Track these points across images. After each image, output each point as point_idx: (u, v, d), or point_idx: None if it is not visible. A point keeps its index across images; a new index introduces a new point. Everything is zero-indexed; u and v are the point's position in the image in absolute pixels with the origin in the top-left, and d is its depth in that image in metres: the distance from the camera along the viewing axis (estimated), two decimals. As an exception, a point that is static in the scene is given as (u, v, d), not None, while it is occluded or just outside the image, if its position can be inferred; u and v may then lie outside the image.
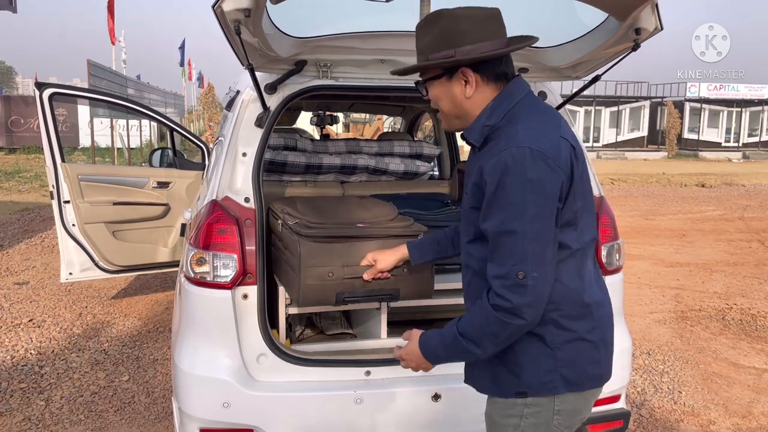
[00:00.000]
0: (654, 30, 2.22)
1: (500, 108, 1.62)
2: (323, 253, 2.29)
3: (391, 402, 2.41)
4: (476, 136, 1.64)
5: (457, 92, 1.64)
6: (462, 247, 1.75)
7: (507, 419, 1.69)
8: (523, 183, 1.48)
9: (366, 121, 20.37)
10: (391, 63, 2.61)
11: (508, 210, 1.49)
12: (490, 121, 1.62)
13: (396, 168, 3.53)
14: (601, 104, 34.31)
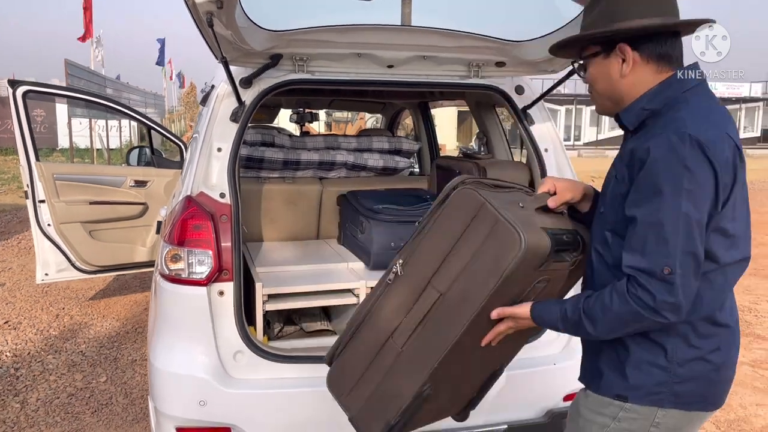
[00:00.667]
0: (629, 22, 2.23)
1: (665, 93, 1.50)
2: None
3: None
4: (632, 119, 1.54)
5: (613, 71, 1.54)
6: (596, 232, 1.60)
7: (596, 416, 1.60)
8: (680, 172, 1.36)
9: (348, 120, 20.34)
10: (368, 57, 2.59)
11: (661, 198, 1.37)
12: (651, 105, 1.51)
13: (375, 163, 3.51)
14: (582, 103, 34.59)
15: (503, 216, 1.49)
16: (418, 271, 1.62)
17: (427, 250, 1.61)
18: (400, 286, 1.66)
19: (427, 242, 1.62)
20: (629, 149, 1.49)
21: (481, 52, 2.65)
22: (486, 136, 3.47)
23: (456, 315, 1.55)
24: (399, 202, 3.00)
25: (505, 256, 1.47)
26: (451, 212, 1.59)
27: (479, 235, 1.52)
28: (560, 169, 2.76)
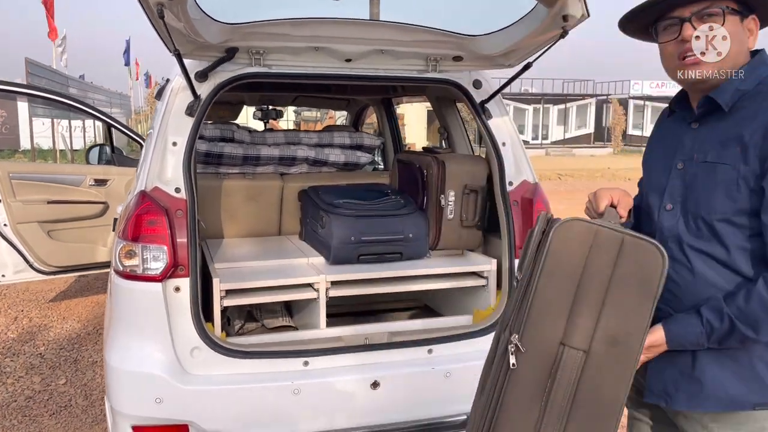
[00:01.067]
0: (581, 17, 2.26)
1: (757, 72, 1.45)
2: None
3: (329, 391, 2.39)
4: (727, 99, 1.44)
5: (744, 38, 1.47)
6: (687, 225, 1.46)
7: None
8: None
9: (317, 119, 20.27)
10: (325, 51, 2.59)
11: None
12: (744, 86, 1.44)
13: (336, 159, 3.51)
14: (549, 102, 35.05)
15: (627, 233, 1.32)
16: (543, 338, 1.31)
17: (545, 308, 1.31)
18: (526, 364, 1.31)
19: (542, 299, 1.32)
20: (736, 135, 1.40)
21: (438, 47, 2.66)
22: (447, 131, 3.50)
23: (616, 367, 1.29)
24: (360, 196, 3.00)
25: (652, 272, 1.29)
26: (560, 255, 1.32)
27: (606, 265, 1.30)
28: (518, 163, 2.79)
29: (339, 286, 2.69)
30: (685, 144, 1.52)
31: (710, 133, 1.47)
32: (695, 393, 1.44)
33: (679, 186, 1.50)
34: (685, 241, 1.46)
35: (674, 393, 1.47)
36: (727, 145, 1.42)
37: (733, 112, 1.44)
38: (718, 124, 1.46)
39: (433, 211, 2.96)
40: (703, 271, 1.43)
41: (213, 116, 4.63)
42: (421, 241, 2.89)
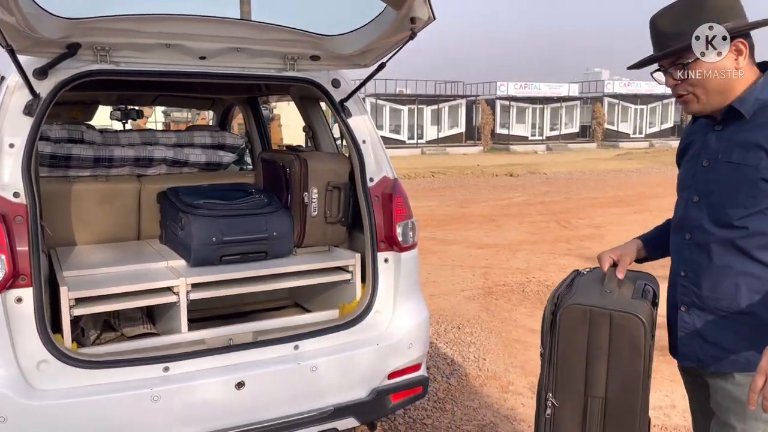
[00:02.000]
0: (428, 20, 2.39)
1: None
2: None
3: (192, 395, 2.34)
4: (747, 108, 1.64)
5: (729, 65, 1.63)
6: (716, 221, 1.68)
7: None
8: None
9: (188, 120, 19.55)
10: (177, 48, 2.52)
11: None
12: (764, 95, 1.63)
13: (197, 159, 3.43)
14: (423, 103, 36.16)
15: (611, 308, 1.74)
16: (572, 392, 1.80)
17: (568, 371, 1.81)
18: (564, 411, 1.83)
19: (564, 365, 1.81)
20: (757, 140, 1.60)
21: (294, 46, 2.68)
22: (312, 129, 3.53)
23: (626, 406, 1.76)
24: (222, 196, 2.96)
25: (638, 337, 1.70)
26: (568, 332, 1.79)
27: (604, 334, 1.74)
28: (378, 159, 2.88)
29: (200, 288, 2.64)
30: (710, 144, 1.73)
31: (733, 135, 1.67)
32: (718, 357, 1.71)
33: (703, 181, 1.74)
34: (707, 230, 1.71)
35: (703, 358, 1.75)
36: (750, 148, 1.62)
37: (753, 119, 1.64)
38: (741, 128, 1.66)
39: (297, 208, 2.98)
40: (720, 255, 1.68)
41: (64, 117, 4.35)
42: (286, 239, 2.90)
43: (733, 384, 1.71)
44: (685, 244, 1.79)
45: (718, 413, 1.77)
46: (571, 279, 1.95)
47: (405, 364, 2.77)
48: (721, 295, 1.70)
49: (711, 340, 1.74)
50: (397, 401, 2.74)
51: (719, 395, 1.75)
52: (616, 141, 38.15)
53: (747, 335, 1.67)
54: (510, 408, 3.71)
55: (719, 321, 1.71)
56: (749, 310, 1.66)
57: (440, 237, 8.77)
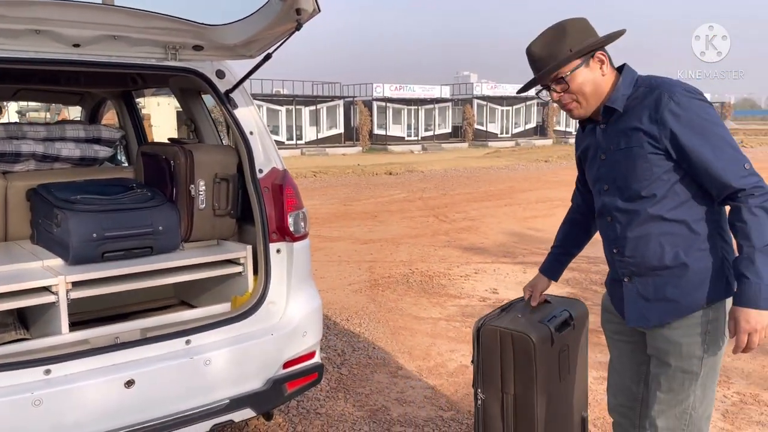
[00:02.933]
0: (313, 11, 2.44)
1: (628, 79, 1.98)
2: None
3: (78, 397, 2.23)
4: (619, 103, 1.97)
5: (596, 74, 1.98)
6: (627, 199, 1.97)
7: (693, 338, 1.94)
8: (707, 106, 1.90)
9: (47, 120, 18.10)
10: (48, 34, 2.40)
11: (714, 128, 1.86)
12: (628, 91, 1.97)
13: (70, 153, 3.24)
14: (301, 103, 35.99)
15: (512, 329, 2.34)
16: (493, 389, 2.43)
17: (489, 374, 2.42)
18: (489, 402, 2.46)
19: (487, 370, 2.43)
20: (634, 125, 1.92)
21: (176, 35, 2.63)
22: (194, 122, 3.45)
23: (527, 401, 2.37)
24: (101, 191, 2.83)
25: (529, 351, 2.29)
26: (486, 347, 2.41)
27: (509, 348, 2.35)
28: (266, 151, 2.89)
29: (82, 286, 2.52)
30: (601, 142, 2.05)
31: (616, 128, 2.00)
32: (664, 311, 1.98)
33: (606, 172, 2.05)
34: (622, 208, 2.00)
35: (651, 317, 2.01)
36: (631, 133, 1.95)
37: (625, 111, 1.97)
38: (619, 120, 1.99)
39: (184, 202, 2.92)
40: (639, 226, 1.98)
41: None
42: (173, 233, 2.83)
43: (670, 329, 1.98)
44: (609, 226, 2.08)
45: (657, 356, 2.05)
46: (507, 305, 2.57)
47: (300, 353, 2.80)
48: (650, 259, 1.97)
49: (653, 298, 2.00)
50: (293, 389, 2.77)
51: (658, 341, 2.02)
52: (486, 140, 40.17)
53: (682, 284, 1.95)
54: (400, 391, 3.85)
55: (657, 280, 1.98)
56: (677, 263, 1.94)
57: (325, 234, 8.83)
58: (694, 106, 1.88)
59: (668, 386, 2.00)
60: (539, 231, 8.87)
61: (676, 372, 1.98)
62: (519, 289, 5.98)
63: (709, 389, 2.00)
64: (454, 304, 5.62)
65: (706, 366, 1.97)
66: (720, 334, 1.97)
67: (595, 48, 1.97)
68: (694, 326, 1.96)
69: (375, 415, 3.53)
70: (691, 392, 1.97)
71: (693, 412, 1.99)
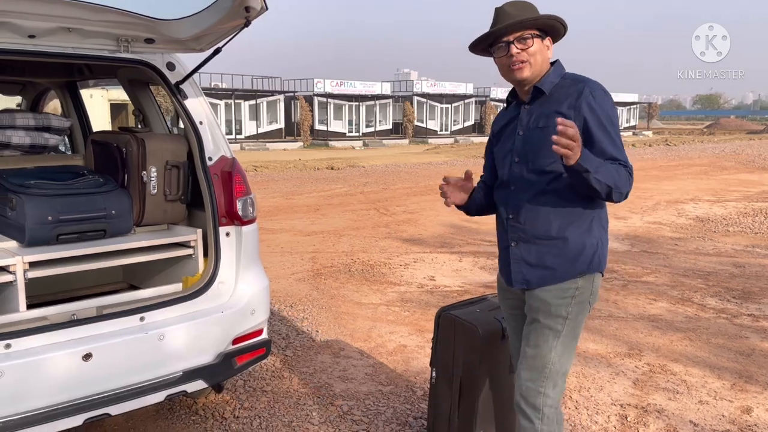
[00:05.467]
0: (261, 9, 2.63)
1: (558, 71, 2.25)
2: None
3: (38, 370, 2.35)
4: (547, 87, 2.22)
5: (545, 51, 2.23)
6: (532, 171, 2.22)
7: (561, 300, 2.21)
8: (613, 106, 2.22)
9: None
10: (3, 25, 2.48)
11: (613, 123, 2.16)
12: (555, 80, 2.23)
13: (21, 141, 3.30)
14: (241, 98, 35.58)
15: (465, 320, 2.78)
16: (444, 370, 2.84)
17: (443, 356, 2.85)
18: (440, 382, 2.89)
19: (441, 353, 2.86)
20: (556, 108, 2.17)
21: (129, 28, 2.76)
22: (142, 112, 3.57)
23: (472, 385, 2.77)
24: (53, 177, 2.92)
25: (474, 339, 2.72)
26: (443, 332, 2.85)
27: (460, 336, 2.76)
28: (215, 140, 3.05)
29: (39, 266, 2.63)
30: (523, 119, 2.29)
31: (539, 109, 2.24)
32: (543, 276, 2.24)
33: (521, 146, 2.27)
34: (527, 179, 2.24)
35: (531, 280, 2.27)
36: (551, 115, 2.16)
37: (550, 96, 2.23)
38: (543, 103, 2.24)
39: (136, 187, 3.05)
40: (537, 197, 2.22)
41: None
42: (125, 217, 2.96)
43: (544, 291, 2.25)
44: (510, 194, 2.31)
45: (529, 314, 2.30)
46: (479, 299, 3.04)
47: (249, 329, 2.99)
48: (539, 228, 2.23)
49: (535, 264, 2.26)
50: (242, 362, 2.95)
51: (532, 299, 2.28)
52: (425, 137, 40.82)
53: (561, 254, 2.22)
54: (342, 369, 4.07)
55: (540, 248, 2.24)
56: (560, 235, 2.21)
57: (268, 227, 8.95)
58: (606, 105, 2.18)
59: (535, 341, 2.25)
60: (475, 223, 9.26)
61: (543, 328, 2.24)
62: (455, 276, 6.38)
63: (568, 348, 2.25)
64: (394, 290, 5.89)
65: (568, 327, 2.24)
66: (584, 301, 2.25)
67: (551, 33, 2.26)
68: (564, 290, 2.22)
69: (318, 392, 3.75)
70: (552, 347, 2.23)
71: (551, 366, 2.23)
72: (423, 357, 4.24)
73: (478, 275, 6.49)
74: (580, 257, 2.22)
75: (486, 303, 2.97)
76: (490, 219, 2.55)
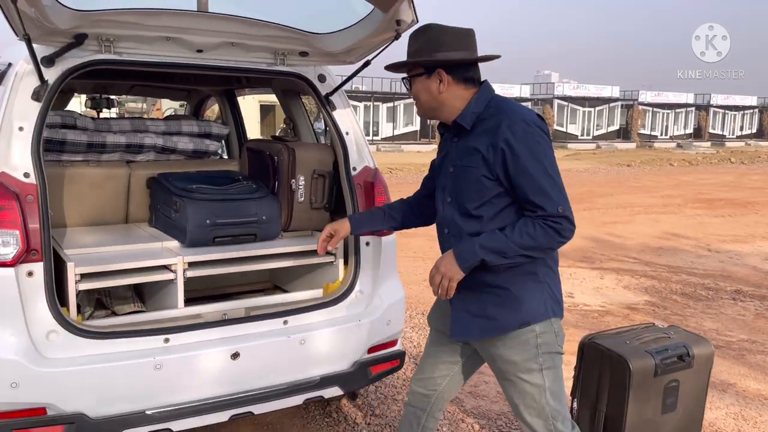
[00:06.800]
0: (411, 21, 2.63)
1: (482, 98, 2.06)
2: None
3: (191, 364, 2.52)
4: (468, 121, 2.05)
5: (433, 88, 2.07)
6: (462, 214, 2.06)
7: (526, 355, 2.05)
8: (540, 140, 1.96)
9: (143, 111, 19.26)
10: (177, 41, 2.69)
11: (539, 158, 1.93)
12: (478, 109, 2.04)
13: (185, 147, 3.58)
14: (379, 100, 36.38)
15: (614, 351, 2.56)
16: (588, 403, 2.68)
17: (586, 389, 2.70)
18: (582, 413, 2.73)
19: (585, 384, 2.70)
20: (473, 148, 2.01)
21: (286, 42, 2.88)
22: (293, 121, 3.72)
23: (616, 422, 2.59)
24: (212, 182, 3.13)
25: (624, 377, 2.49)
26: (588, 362, 2.67)
27: (607, 368, 2.57)
28: (359, 149, 3.10)
29: (196, 266, 2.82)
30: (451, 154, 2.13)
31: (463, 144, 2.08)
32: (485, 327, 2.09)
33: (452, 185, 2.11)
34: (458, 223, 2.09)
35: (473, 332, 2.13)
36: (472, 153, 2.02)
37: (473, 129, 2.05)
38: (467, 138, 2.07)
39: (285, 194, 3.18)
40: (464, 238, 2.04)
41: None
42: (274, 222, 3.09)
43: (496, 347, 2.10)
44: (444, 238, 2.17)
45: (501, 376, 2.18)
46: (628, 329, 2.81)
47: (384, 339, 3.01)
48: (477, 276, 2.02)
49: (475, 314, 2.10)
50: (376, 372, 2.98)
51: (497, 362, 2.13)
52: (565, 142, 39.31)
53: (502, 304, 2.04)
54: (473, 385, 3.99)
55: (480, 297, 2.07)
56: (499, 284, 2.03)
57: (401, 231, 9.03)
58: (529, 139, 1.94)
59: (525, 403, 2.12)
60: (618, 237, 8.73)
61: (525, 388, 2.10)
62: (595, 294, 6.03)
63: (557, 389, 2.11)
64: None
65: (549, 376, 2.08)
66: (553, 346, 2.08)
67: (439, 65, 2.04)
68: (523, 343, 2.05)
69: (449, 406, 3.70)
70: (545, 403, 2.09)
71: (550, 410, 2.10)
72: (559, 380, 4.04)
73: (622, 295, 6.10)
74: (523, 306, 2.03)
75: (635, 333, 2.75)
76: (639, 233, 2.41)
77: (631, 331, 2.79)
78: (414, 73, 2.10)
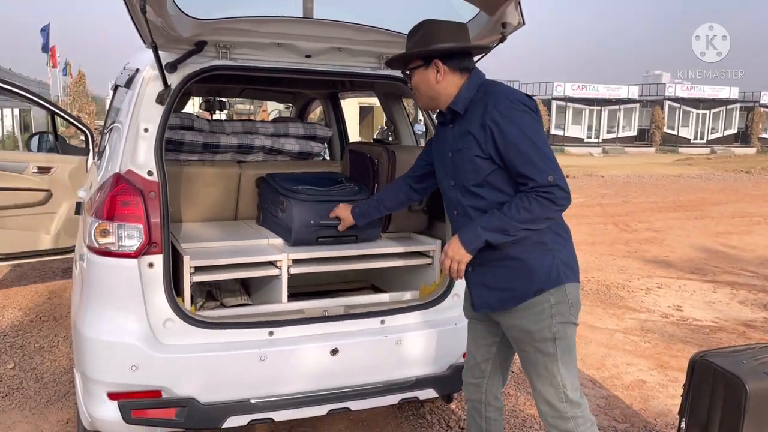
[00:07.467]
0: (517, 24, 2.60)
1: (473, 83, 2.20)
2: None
3: (293, 358, 2.61)
4: (461, 106, 2.20)
5: (431, 78, 2.22)
6: (461, 193, 2.21)
7: (540, 324, 2.15)
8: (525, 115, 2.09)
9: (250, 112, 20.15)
10: (287, 47, 2.80)
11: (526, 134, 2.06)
12: (470, 94, 2.18)
13: (291, 148, 3.72)
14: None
15: (729, 371, 2.42)
16: (697, 425, 2.54)
17: (696, 410, 2.55)
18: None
19: (695, 404, 2.56)
20: (465, 130, 2.15)
21: (389, 46, 2.92)
22: (393, 124, 3.77)
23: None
24: (316, 183, 3.22)
25: (740, 400, 2.34)
26: (699, 381, 2.53)
27: (720, 389, 2.42)
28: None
29: (300, 264, 2.92)
30: (449, 140, 2.27)
31: (458, 128, 2.22)
32: (503, 298, 2.21)
33: (452, 168, 2.25)
34: (463, 203, 2.23)
35: (492, 303, 2.25)
36: (465, 135, 2.16)
37: (466, 113, 2.18)
38: (461, 122, 2.21)
39: (384, 196, 3.22)
40: (475, 217, 2.17)
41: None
42: (375, 224, 3.14)
43: (514, 317, 2.20)
44: (455, 219, 2.30)
45: (516, 345, 2.29)
46: (745, 347, 2.67)
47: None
48: (489, 252, 2.15)
49: (493, 286, 2.23)
50: (472, 377, 2.95)
51: (513, 331, 2.24)
52: (676, 146, 37.19)
53: (516, 275, 2.16)
54: (572, 396, 3.87)
55: (494, 270, 2.20)
56: (511, 256, 2.14)
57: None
58: (514, 115, 2.05)
59: (537, 373, 2.22)
60: (734, 248, 8.16)
61: (538, 358, 2.19)
62: (707, 308, 5.68)
63: (569, 363, 2.20)
64: (633, 317, 5.44)
65: (561, 346, 2.16)
66: (567, 316, 2.16)
67: (436, 55, 2.18)
68: (538, 313, 2.14)
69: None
70: (557, 372, 2.17)
71: (564, 389, 2.18)
72: (665, 398, 3.84)
73: (737, 310, 5.69)
74: (535, 274, 2.13)
75: (753, 352, 2.57)
76: (758, 244, 2.28)
77: (748, 350, 2.61)
78: (413, 65, 2.25)
